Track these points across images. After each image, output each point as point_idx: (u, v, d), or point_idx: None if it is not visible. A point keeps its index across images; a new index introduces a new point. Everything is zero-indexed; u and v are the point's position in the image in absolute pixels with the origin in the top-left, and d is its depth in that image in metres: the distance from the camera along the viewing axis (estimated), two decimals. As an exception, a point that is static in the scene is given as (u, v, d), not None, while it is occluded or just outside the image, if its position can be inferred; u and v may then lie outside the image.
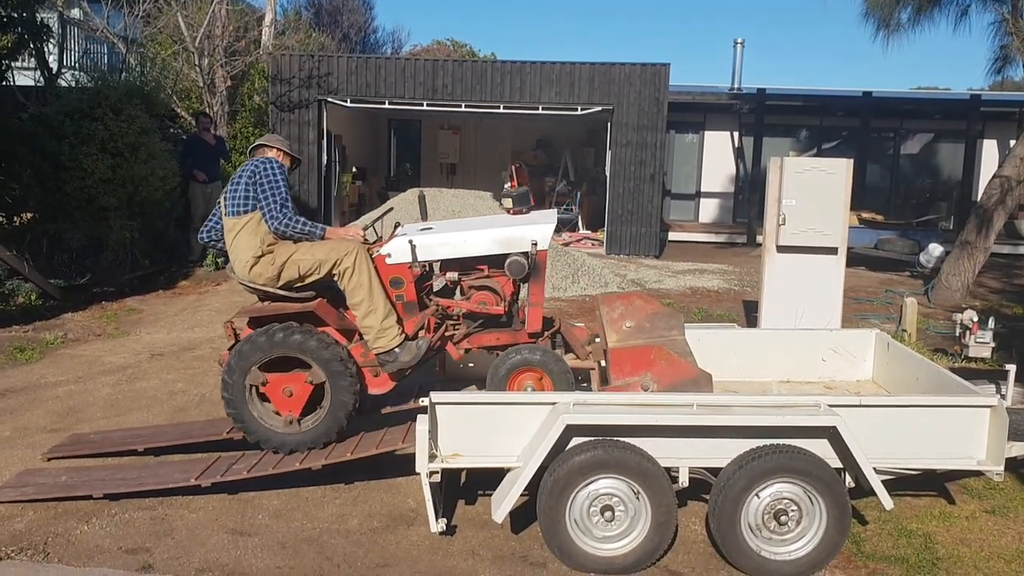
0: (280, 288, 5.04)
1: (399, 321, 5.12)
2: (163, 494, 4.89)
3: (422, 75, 16.01)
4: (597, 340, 5.58)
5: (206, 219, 5.45)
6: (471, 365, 5.77)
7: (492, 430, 4.35)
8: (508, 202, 5.52)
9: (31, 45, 11.43)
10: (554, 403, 4.30)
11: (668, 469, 4.27)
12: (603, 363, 5.29)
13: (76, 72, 14.48)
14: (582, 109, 15.87)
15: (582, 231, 17.97)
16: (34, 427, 6.05)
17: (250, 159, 5.23)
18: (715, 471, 4.32)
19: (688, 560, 4.38)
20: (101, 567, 4.15)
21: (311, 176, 16.10)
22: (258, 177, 5.02)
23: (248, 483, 4.93)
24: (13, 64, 10.43)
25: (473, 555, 4.37)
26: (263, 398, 5.06)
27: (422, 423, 4.25)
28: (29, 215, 10.76)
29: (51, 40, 12.01)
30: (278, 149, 5.31)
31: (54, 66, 13.36)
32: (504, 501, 4.21)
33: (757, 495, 4.21)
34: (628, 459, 4.17)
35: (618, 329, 5.37)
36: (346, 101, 16.10)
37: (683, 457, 4.33)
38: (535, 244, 5.15)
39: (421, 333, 5.18)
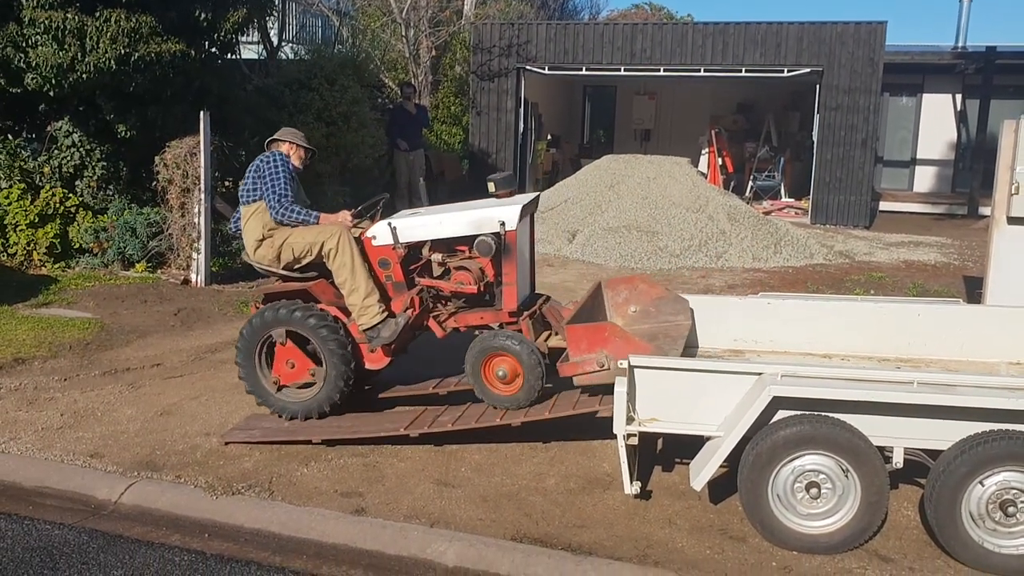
0: (283, 269, 5.48)
1: (383, 299, 5.36)
2: (375, 442, 5.18)
3: (620, 40, 15.83)
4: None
5: (408, 186, 5.85)
6: None
7: (692, 397, 4.28)
8: (492, 186, 5.60)
9: (255, 21, 12.25)
10: (760, 373, 4.17)
11: (881, 448, 4.05)
12: None
13: (294, 45, 15.42)
14: (789, 71, 15.17)
15: (784, 199, 17.27)
16: (259, 375, 6.56)
17: (265, 152, 5.70)
18: (934, 454, 4.05)
19: (899, 546, 4.14)
20: (319, 507, 4.45)
21: (507, 145, 16.37)
22: (262, 171, 5.51)
23: (451, 436, 5.15)
24: (240, 39, 11.22)
25: (670, 524, 4.33)
26: (271, 367, 5.51)
27: (620, 385, 4.25)
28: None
29: (273, 15, 12.81)
30: (289, 143, 5.73)
31: (275, 40, 14.28)
32: (703, 470, 4.14)
33: (981, 483, 3.90)
34: (837, 435, 3.99)
35: (623, 314, 5.43)
36: (544, 68, 16.20)
37: (898, 436, 4.08)
38: (503, 224, 5.19)
39: (409, 312, 5.36)
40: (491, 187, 5.60)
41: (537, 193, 5.93)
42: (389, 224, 5.39)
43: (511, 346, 5.08)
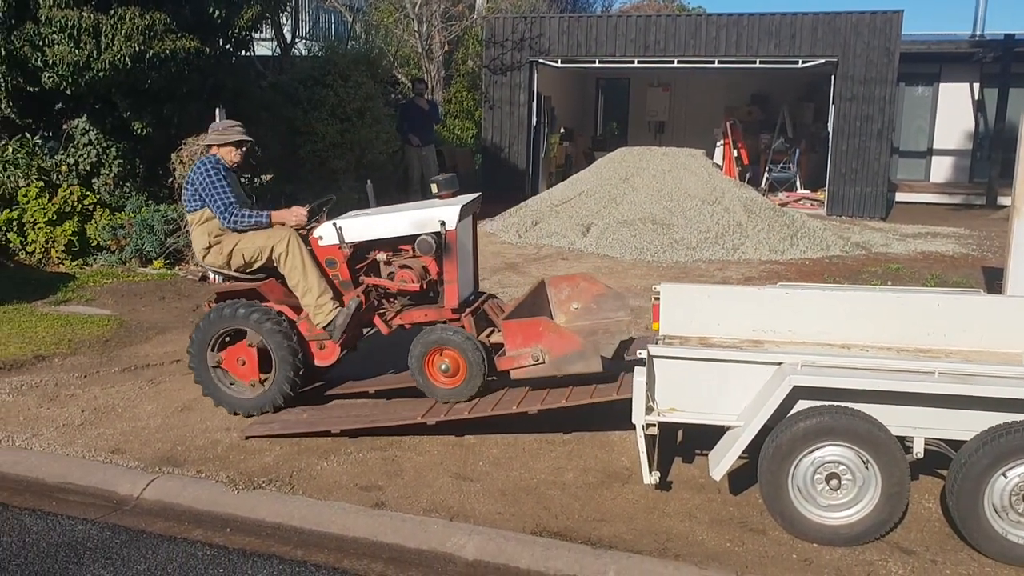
0: (235, 272, 5.59)
1: (336, 296, 5.49)
2: (393, 432, 5.21)
3: (633, 32, 15.78)
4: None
5: (421, 182, 5.96)
6: None
7: (712, 387, 4.27)
8: (435, 187, 5.71)
9: (269, 17, 12.27)
10: (780, 363, 4.15)
11: (901, 438, 4.03)
12: None
13: (308, 42, 15.45)
14: (803, 62, 15.08)
15: (800, 190, 17.17)
16: (277, 370, 6.58)
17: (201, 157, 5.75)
18: (955, 444, 4.03)
19: (921, 538, 4.12)
20: (339, 501, 4.47)
21: (520, 138, 16.34)
22: (197, 183, 5.51)
23: (470, 429, 5.16)
24: (254, 35, 11.24)
25: (690, 517, 4.33)
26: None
27: (639, 375, 4.24)
28: (268, 176, 11.64)
29: (286, 11, 12.82)
30: (216, 145, 5.68)
31: (289, 36, 14.30)
32: (723, 460, 4.13)
33: (1004, 475, 3.87)
34: (857, 427, 3.97)
35: (566, 311, 5.64)
36: (556, 62, 16.16)
37: (919, 427, 4.06)
38: (443, 224, 5.34)
39: (359, 299, 5.47)
40: (434, 188, 5.76)
41: (478, 194, 6.09)
42: (334, 224, 5.53)
43: (453, 339, 5.21)
